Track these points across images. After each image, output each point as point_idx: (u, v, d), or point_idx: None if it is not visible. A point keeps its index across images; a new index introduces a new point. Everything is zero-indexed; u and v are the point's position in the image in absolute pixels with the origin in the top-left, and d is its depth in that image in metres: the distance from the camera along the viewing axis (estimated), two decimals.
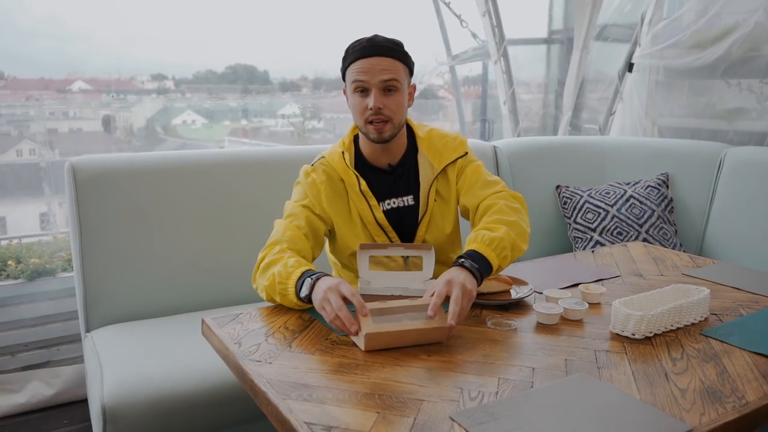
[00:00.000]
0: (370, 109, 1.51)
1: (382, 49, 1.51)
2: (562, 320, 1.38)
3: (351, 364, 1.16)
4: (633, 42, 3.31)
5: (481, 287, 1.49)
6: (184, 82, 3.22)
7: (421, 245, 1.54)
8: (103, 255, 2.02)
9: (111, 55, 2.88)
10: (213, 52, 3.14)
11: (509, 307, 1.47)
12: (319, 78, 3.51)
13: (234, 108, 3.37)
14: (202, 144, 3.48)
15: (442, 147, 1.67)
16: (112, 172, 2.06)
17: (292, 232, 1.52)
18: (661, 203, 2.65)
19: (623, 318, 1.29)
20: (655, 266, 1.82)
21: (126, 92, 3.07)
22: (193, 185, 2.17)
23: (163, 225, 2.11)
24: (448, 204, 1.66)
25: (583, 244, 2.66)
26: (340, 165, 1.60)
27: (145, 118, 3.17)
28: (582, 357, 1.20)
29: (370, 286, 1.49)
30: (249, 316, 1.40)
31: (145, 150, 3.06)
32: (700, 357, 1.20)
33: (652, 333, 1.30)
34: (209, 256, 2.16)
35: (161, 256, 2.09)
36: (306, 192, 1.61)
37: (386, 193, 1.63)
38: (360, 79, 1.51)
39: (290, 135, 3.50)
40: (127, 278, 2.05)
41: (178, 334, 1.89)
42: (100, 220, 2.02)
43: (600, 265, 1.83)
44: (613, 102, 3.46)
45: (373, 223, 1.60)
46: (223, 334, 1.29)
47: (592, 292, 1.51)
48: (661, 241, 2.58)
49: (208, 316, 1.39)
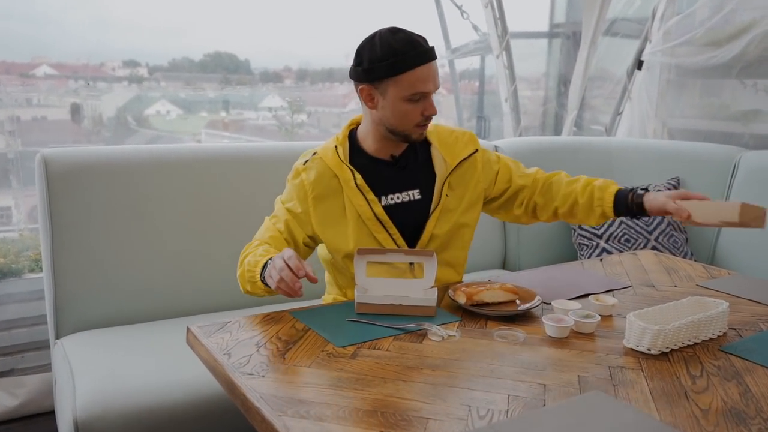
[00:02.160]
0: (425, 116, 1.57)
1: (433, 53, 1.56)
2: (573, 333, 1.40)
3: (350, 378, 1.16)
4: (643, 38, 3.34)
5: (486, 296, 1.51)
6: (159, 69, 3.20)
7: (422, 251, 1.55)
8: (76, 255, 2.01)
9: (80, 39, 2.86)
10: (190, 39, 3.12)
11: (516, 318, 1.48)
12: (303, 69, 3.51)
13: (212, 99, 3.36)
14: (177, 137, 3.46)
15: (453, 142, 1.72)
16: (87, 166, 2.04)
17: (272, 233, 1.62)
18: None
19: (639, 332, 1.31)
20: (668, 276, 1.85)
21: (96, 79, 3.04)
22: (175, 182, 2.16)
23: (142, 223, 2.10)
24: (461, 198, 1.70)
25: (588, 251, 2.68)
26: (334, 160, 1.63)
27: (115, 107, 3.14)
28: (596, 373, 1.21)
29: (368, 294, 1.50)
30: (238, 324, 1.40)
31: (114, 141, 3.04)
32: (720, 375, 1.22)
33: (669, 348, 1.31)
34: (192, 257, 2.15)
35: (140, 257, 2.08)
36: (292, 194, 1.65)
37: (388, 187, 1.65)
38: (424, 90, 1.54)
39: (275, 129, 3.50)
40: (102, 280, 2.04)
41: (159, 343, 1.89)
42: (74, 217, 2.01)
43: (609, 274, 1.85)
44: (620, 101, 3.49)
45: (372, 219, 1.62)
46: (211, 344, 1.29)
47: (604, 304, 1.52)
48: (671, 249, 2.61)
49: (194, 324, 1.39)
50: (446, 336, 1.35)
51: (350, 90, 3.72)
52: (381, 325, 1.39)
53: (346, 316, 1.44)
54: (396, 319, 1.43)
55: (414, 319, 1.42)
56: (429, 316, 1.46)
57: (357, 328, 1.39)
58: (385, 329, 1.38)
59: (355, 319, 1.43)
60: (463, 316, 1.48)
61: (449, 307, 1.54)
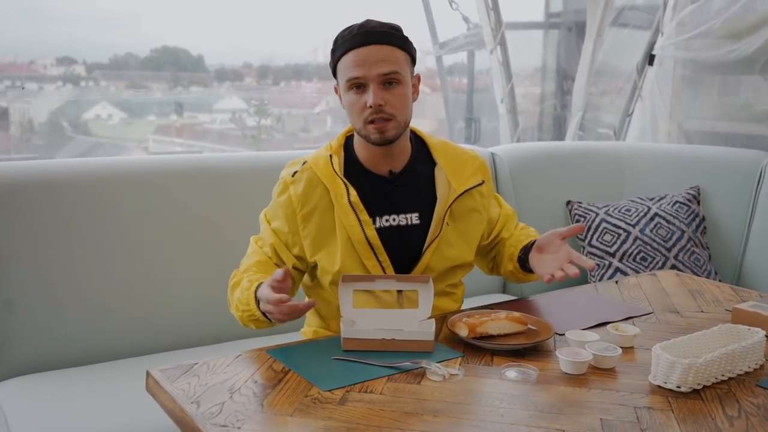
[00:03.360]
0: (369, 107, 1.54)
1: (377, 35, 1.54)
2: (591, 369, 1.40)
3: (340, 428, 1.15)
4: (654, 30, 3.39)
5: (491, 328, 1.52)
6: (98, 67, 3.18)
7: (416, 276, 1.56)
8: (10, 287, 1.98)
9: (6, 33, 2.83)
10: (134, 31, 3.12)
11: (526, 352, 1.49)
12: (265, 65, 3.52)
13: (161, 101, 3.35)
14: (121, 144, 3.44)
15: (461, 165, 1.72)
16: (23, 183, 2.02)
17: (259, 257, 1.65)
18: (692, 223, 2.72)
19: (666, 366, 1.32)
20: (693, 300, 1.87)
21: (25, 79, 3.01)
22: (128, 200, 2.14)
23: (89, 249, 2.08)
24: (460, 230, 1.70)
25: (600, 271, 2.71)
26: (326, 171, 1.62)
27: (48, 111, 3.13)
28: (620, 416, 1.22)
29: (355, 327, 1.49)
30: (207, 366, 1.38)
31: (47, 151, 3.01)
32: (761, 415, 1.23)
33: (701, 385, 1.32)
34: (148, 287, 2.13)
35: (87, 288, 2.06)
36: (278, 211, 1.65)
37: (384, 207, 1.65)
38: (355, 75, 1.54)
39: (236, 135, 3.49)
40: (42, 316, 2.01)
41: (111, 389, 1.86)
42: (8, 242, 1.99)
43: (627, 299, 1.87)
44: (630, 101, 3.54)
45: (363, 243, 1.61)
46: (176, 391, 1.27)
47: (624, 334, 1.53)
48: (692, 268, 2.65)
49: (155, 367, 1.37)
50: (447, 375, 1.35)
51: (320, 89, 3.73)
52: (372, 363, 1.39)
53: (332, 354, 1.43)
54: (389, 356, 1.42)
55: (410, 356, 1.42)
56: (427, 351, 1.45)
57: (345, 368, 1.38)
58: (377, 368, 1.37)
59: (342, 357, 1.42)
60: (466, 350, 1.48)
61: (449, 340, 1.54)
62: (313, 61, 3.69)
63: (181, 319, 2.13)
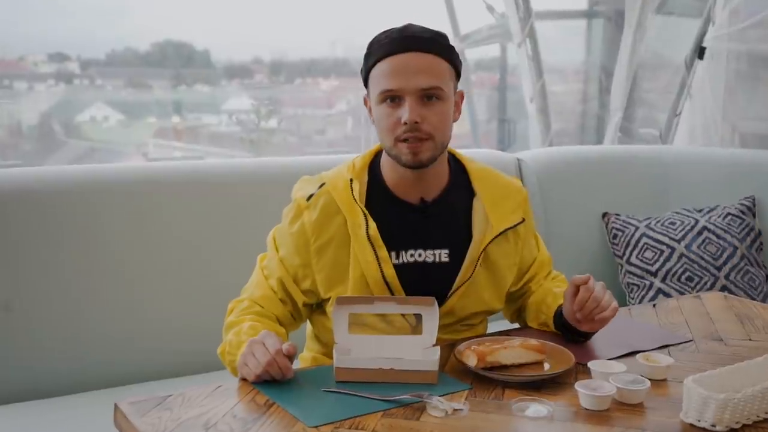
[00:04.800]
0: (403, 124, 1.51)
1: (419, 41, 1.51)
2: (615, 404, 1.37)
3: None
4: (705, 18, 3.37)
5: (503, 357, 1.50)
6: (94, 64, 3.22)
7: (420, 299, 1.54)
8: None
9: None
10: (134, 24, 3.15)
11: (541, 385, 1.46)
12: (278, 60, 3.53)
13: (162, 100, 3.39)
14: (118, 148, 3.48)
15: (502, 198, 1.68)
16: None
17: (263, 292, 1.63)
18: (746, 238, 2.68)
19: (699, 402, 1.29)
20: (741, 327, 1.84)
21: (13, 77, 3.06)
22: (117, 215, 2.15)
23: (58, 268, 2.08)
24: (493, 274, 1.68)
25: (639, 292, 2.67)
26: (345, 197, 1.59)
27: (38, 112, 3.17)
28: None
29: (351, 356, 1.48)
30: (181, 399, 1.37)
31: (37, 157, 3.05)
32: None
33: (740, 424, 1.29)
34: (123, 311, 2.13)
35: (55, 312, 2.06)
36: (288, 240, 1.62)
37: (410, 240, 1.62)
38: (390, 87, 1.51)
39: (243, 138, 3.51)
40: (3, 343, 2.01)
41: (75, 424, 1.86)
42: None
43: (664, 324, 1.84)
44: (678, 99, 3.51)
45: (378, 281, 1.58)
46: (146, 427, 1.26)
47: (656, 365, 1.51)
48: (746, 289, 2.60)
49: (123, 400, 1.36)
50: (450, 410, 1.33)
51: (338, 86, 3.73)
52: (367, 396, 1.37)
53: (323, 386, 1.42)
54: (386, 388, 1.40)
55: (410, 388, 1.40)
56: (429, 383, 1.43)
57: (335, 402, 1.36)
58: (372, 402, 1.35)
59: (334, 389, 1.41)
60: (474, 382, 1.46)
61: (456, 371, 1.52)
62: (330, 56, 3.69)
63: (156, 348, 2.13)
